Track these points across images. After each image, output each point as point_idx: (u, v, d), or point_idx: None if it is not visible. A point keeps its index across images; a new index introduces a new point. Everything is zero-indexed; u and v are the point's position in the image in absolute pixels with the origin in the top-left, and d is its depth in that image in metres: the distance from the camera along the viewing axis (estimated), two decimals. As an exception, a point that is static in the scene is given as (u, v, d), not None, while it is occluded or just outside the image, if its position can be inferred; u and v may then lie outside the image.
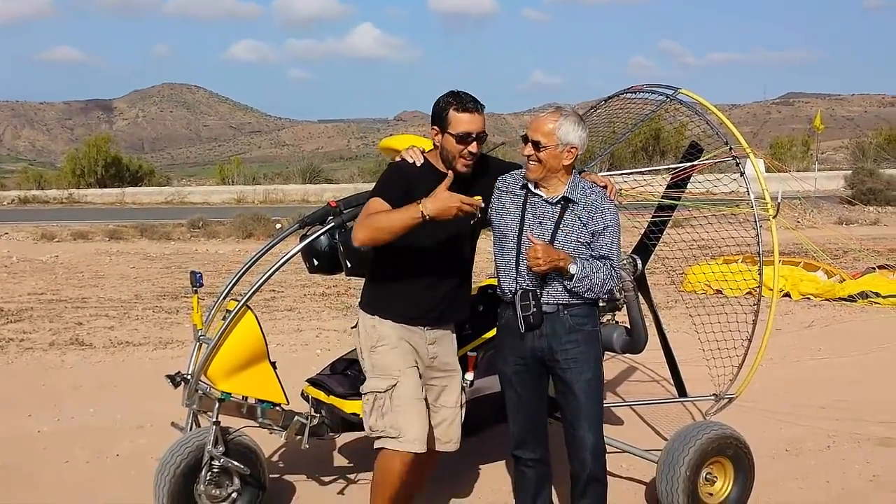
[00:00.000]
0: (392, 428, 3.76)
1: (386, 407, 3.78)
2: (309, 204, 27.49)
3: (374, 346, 3.90)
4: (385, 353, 3.87)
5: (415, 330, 3.92)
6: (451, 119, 3.72)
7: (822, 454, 5.63)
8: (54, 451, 5.61)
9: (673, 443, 4.43)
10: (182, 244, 17.77)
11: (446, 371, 4.03)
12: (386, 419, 3.78)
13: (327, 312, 10.35)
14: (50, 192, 34.59)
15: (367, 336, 3.95)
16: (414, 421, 3.77)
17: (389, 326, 3.89)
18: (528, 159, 3.76)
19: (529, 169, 3.78)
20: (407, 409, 3.78)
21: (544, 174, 3.76)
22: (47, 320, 9.77)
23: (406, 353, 3.87)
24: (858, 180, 25.53)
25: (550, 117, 3.75)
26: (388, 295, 3.93)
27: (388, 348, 3.87)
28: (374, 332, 3.92)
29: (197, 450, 4.19)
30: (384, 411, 3.78)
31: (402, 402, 3.78)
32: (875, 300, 10.55)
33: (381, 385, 3.82)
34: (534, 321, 3.71)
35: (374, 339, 3.91)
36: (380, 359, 3.88)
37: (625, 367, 7.34)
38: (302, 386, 4.69)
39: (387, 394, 3.79)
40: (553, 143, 3.71)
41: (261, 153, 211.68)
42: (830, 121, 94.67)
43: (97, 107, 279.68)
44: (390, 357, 3.86)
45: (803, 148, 42.22)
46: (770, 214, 4.81)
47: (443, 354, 4.01)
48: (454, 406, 4.05)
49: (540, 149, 3.72)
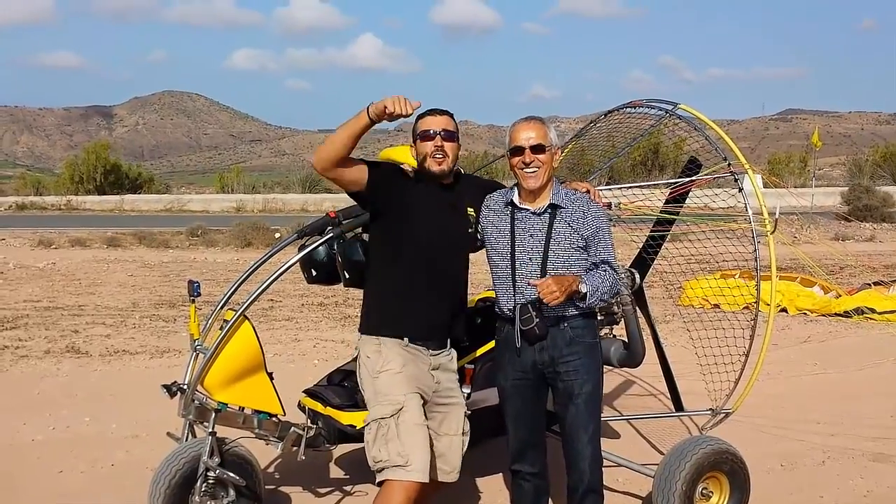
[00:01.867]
0: (399, 455, 3.62)
1: (391, 433, 3.66)
2: (308, 213, 27.55)
3: (379, 370, 3.80)
4: (389, 378, 3.77)
5: (419, 354, 3.87)
6: (417, 126, 3.89)
7: (817, 469, 5.63)
8: (49, 460, 5.60)
9: (669, 457, 4.43)
10: (181, 252, 17.78)
11: (449, 398, 3.99)
12: (391, 446, 3.65)
13: (325, 322, 10.35)
14: (48, 199, 34.66)
15: (371, 362, 3.85)
16: (420, 447, 3.67)
17: (395, 351, 3.82)
18: (528, 166, 3.74)
19: (531, 177, 3.75)
20: (414, 434, 3.67)
21: (546, 178, 3.77)
22: (43, 328, 9.76)
23: (410, 379, 3.78)
24: (855, 197, 25.62)
25: (536, 123, 3.80)
26: (389, 313, 3.88)
27: (392, 373, 3.78)
28: (378, 358, 3.82)
29: (193, 460, 4.18)
30: (389, 438, 3.66)
31: (409, 428, 3.68)
32: (870, 316, 10.57)
33: (385, 411, 3.71)
34: (539, 332, 3.71)
35: (378, 364, 3.81)
36: (383, 384, 3.77)
37: (622, 381, 7.34)
38: (299, 397, 4.68)
39: (392, 419, 3.68)
40: (549, 145, 3.76)
41: (261, 162, 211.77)
42: (827, 137, 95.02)
43: (97, 113, 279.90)
44: (394, 382, 3.76)
45: (801, 164, 42.36)
46: (768, 230, 4.82)
47: (445, 381, 3.98)
48: (456, 433, 3.98)
49: (543, 150, 3.73)
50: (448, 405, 3.97)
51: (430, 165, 3.83)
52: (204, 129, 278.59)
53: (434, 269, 3.86)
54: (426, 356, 3.90)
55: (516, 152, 3.76)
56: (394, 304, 3.87)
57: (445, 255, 3.90)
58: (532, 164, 3.73)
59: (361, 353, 3.92)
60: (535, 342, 3.76)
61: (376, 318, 3.91)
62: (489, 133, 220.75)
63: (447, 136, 3.84)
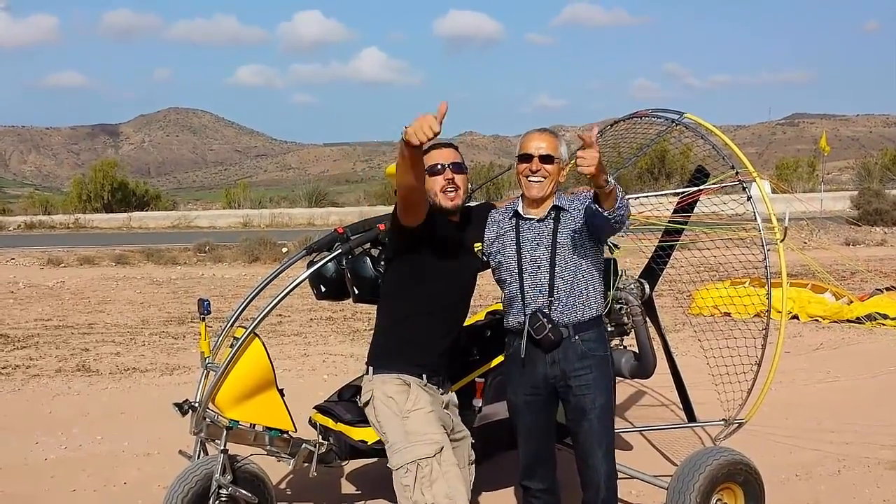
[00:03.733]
0: (447, 497, 3.50)
1: (436, 473, 3.53)
2: (315, 227, 27.57)
3: (410, 409, 3.66)
4: (423, 417, 3.65)
5: (433, 394, 3.81)
6: (425, 160, 3.64)
7: (833, 479, 5.59)
8: (62, 479, 5.59)
9: (683, 469, 4.40)
10: (188, 269, 17.81)
11: (460, 432, 3.97)
12: (436, 488, 3.51)
13: (334, 337, 10.35)
14: (56, 217, 34.74)
15: (395, 402, 3.69)
16: (464, 487, 3.61)
17: (421, 390, 3.72)
18: (534, 175, 3.72)
19: (534, 187, 3.73)
20: (456, 473, 3.59)
21: (550, 189, 3.76)
22: (54, 346, 9.78)
23: (439, 419, 3.71)
24: (864, 201, 25.50)
25: (548, 135, 3.79)
26: (408, 351, 3.78)
27: (425, 412, 3.66)
28: (405, 397, 3.69)
29: (205, 478, 4.16)
30: (434, 479, 3.52)
31: (451, 467, 3.59)
32: (883, 322, 10.51)
33: (426, 451, 3.55)
34: (553, 338, 3.69)
35: (408, 403, 3.67)
36: (417, 424, 3.63)
37: (633, 392, 7.31)
38: (310, 413, 4.67)
39: (434, 459, 3.55)
40: (559, 156, 3.76)
41: (267, 177, 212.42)
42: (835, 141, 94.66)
43: (103, 132, 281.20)
44: (429, 420, 3.65)
45: (809, 169, 42.24)
46: (777, 238, 4.81)
47: (455, 416, 3.99)
48: (466, 464, 3.95)
49: (552, 161, 3.72)
50: (460, 440, 3.96)
51: (443, 202, 3.76)
52: (210, 144, 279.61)
53: (446, 311, 3.84)
54: (439, 395, 3.88)
55: (524, 159, 3.75)
56: (410, 339, 3.79)
57: (456, 297, 3.88)
58: (538, 172, 3.72)
59: (380, 392, 3.75)
60: (550, 350, 3.73)
61: (394, 353, 3.81)
62: (494, 143, 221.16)
63: (456, 168, 3.78)
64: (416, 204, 3.54)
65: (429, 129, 3.11)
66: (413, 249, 3.74)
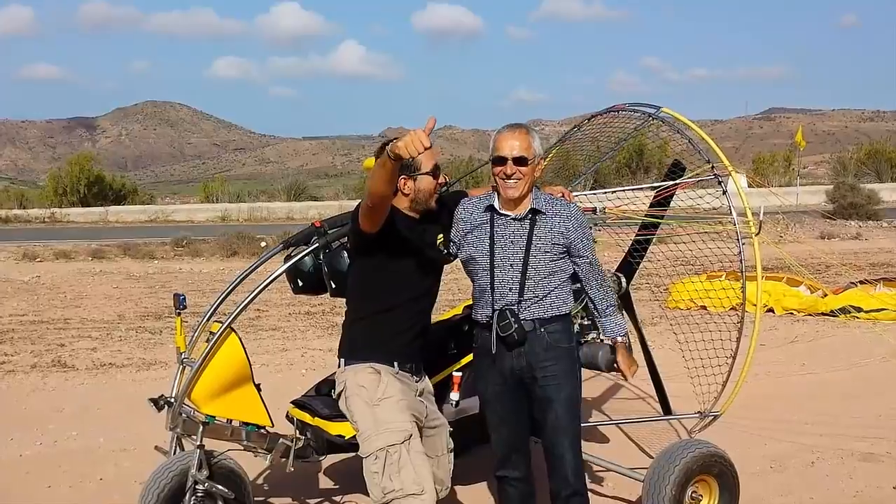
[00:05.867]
0: (415, 483, 3.57)
1: (403, 460, 3.60)
2: (294, 221, 27.47)
3: (380, 398, 3.73)
4: (392, 405, 3.72)
5: (407, 382, 3.86)
6: (417, 161, 3.70)
7: (807, 470, 5.65)
8: (37, 475, 5.56)
9: (658, 461, 4.43)
10: (166, 263, 17.69)
11: (436, 420, 4.02)
12: (404, 474, 3.58)
13: (312, 332, 10.33)
14: (32, 212, 34.44)
15: (367, 391, 3.76)
16: (430, 474, 3.67)
17: (392, 379, 3.78)
18: (510, 178, 3.74)
19: (511, 187, 3.74)
20: (424, 461, 3.67)
21: (527, 189, 3.77)
22: (29, 342, 9.70)
23: (409, 408, 3.76)
24: (840, 195, 25.67)
25: (521, 133, 3.78)
26: (377, 340, 3.84)
27: (394, 400, 3.73)
28: (376, 386, 3.76)
29: (181, 474, 4.15)
30: (402, 465, 3.59)
31: (419, 455, 3.66)
32: (856, 315, 10.60)
33: (394, 438, 3.63)
34: (518, 337, 3.73)
35: (378, 392, 3.74)
36: (386, 412, 3.70)
37: (610, 385, 7.35)
38: (287, 408, 4.67)
39: (403, 446, 3.62)
40: (533, 156, 3.76)
41: (245, 170, 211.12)
42: (811, 136, 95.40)
43: (80, 125, 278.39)
44: (398, 409, 3.72)
45: (785, 163, 42.48)
46: (753, 232, 4.84)
47: (430, 405, 4.02)
48: (444, 453, 4.02)
49: (526, 163, 3.73)
50: (436, 427, 4.00)
51: (432, 202, 3.87)
52: (187, 138, 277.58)
53: (411, 304, 3.88)
54: (412, 383, 3.91)
55: (499, 162, 3.76)
56: (380, 332, 3.85)
57: (420, 291, 3.91)
58: (513, 175, 3.73)
59: (352, 382, 3.82)
60: (514, 347, 3.77)
61: (364, 345, 3.87)
62: (474, 137, 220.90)
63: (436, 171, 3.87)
64: (382, 213, 3.64)
65: (420, 145, 3.20)
66: (372, 251, 3.80)
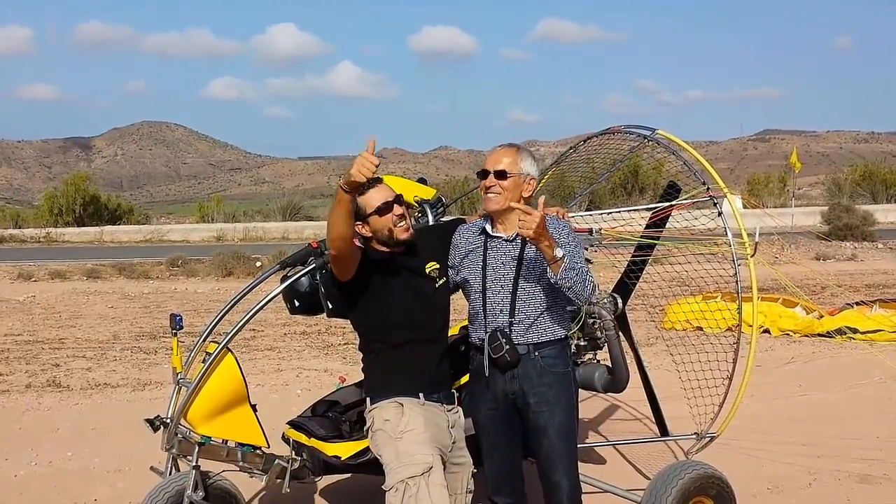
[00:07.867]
0: None
1: (422, 493, 3.58)
2: (289, 241, 27.44)
3: (402, 430, 3.74)
4: (413, 438, 3.72)
5: (436, 412, 3.86)
6: (367, 203, 3.80)
7: (804, 492, 5.63)
8: (31, 496, 5.53)
9: (655, 483, 4.42)
10: (161, 283, 17.66)
11: (461, 457, 3.98)
12: None
13: (308, 351, 10.30)
14: (27, 231, 34.32)
15: (391, 424, 3.77)
16: None
17: (417, 411, 3.78)
18: (489, 191, 3.77)
19: (491, 200, 3.78)
20: (443, 494, 3.64)
21: (505, 204, 3.76)
22: (24, 362, 9.67)
23: (432, 440, 3.75)
24: (835, 216, 25.71)
25: (509, 150, 3.83)
26: (398, 373, 3.85)
27: (416, 433, 3.73)
28: (399, 419, 3.76)
29: (176, 495, 4.14)
30: (419, 498, 3.57)
31: (438, 488, 3.63)
32: (852, 336, 10.61)
33: (414, 471, 3.62)
34: (510, 359, 3.72)
35: (401, 425, 3.75)
36: (407, 445, 3.71)
37: (606, 406, 7.33)
38: (283, 428, 4.65)
39: (422, 478, 3.61)
40: (516, 172, 3.77)
41: (241, 190, 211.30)
42: (806, 157, 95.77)
43: (76, 145, 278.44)
44: (420, 441, 3.71)
45: (780, 184, 42.58)
46: (748, 253, 4.85)
47: (459, 439, 3.97)
48: (462, 493, 3.98)
49: (505, 177, 3.75)
50: (460, 465, 3.96)
51: (399, 235, 3.84)
52: (183, 158, 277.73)
53: (419, 330, 3.88)
54: (443, 412, 3.89)
55: (481, 175, 3.82)
56: (396, 368, 3.86)
57: (424, 321, 3.91)
58: (492, 188, 3.76)
59: (377, 418, 3.84)
60: (507, 370, 3.76)
61: (385, 382, 3.88)
62: (469, 158, 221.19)
63: (398, 200, 3.87)
64: (350, 259, 3.69)
65: (370, 164, 3.29)
66: (358, 294, 3.83)
